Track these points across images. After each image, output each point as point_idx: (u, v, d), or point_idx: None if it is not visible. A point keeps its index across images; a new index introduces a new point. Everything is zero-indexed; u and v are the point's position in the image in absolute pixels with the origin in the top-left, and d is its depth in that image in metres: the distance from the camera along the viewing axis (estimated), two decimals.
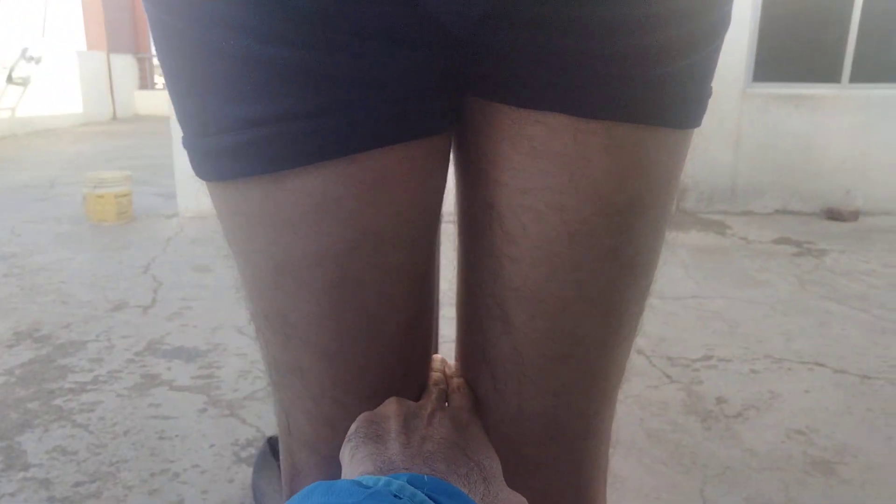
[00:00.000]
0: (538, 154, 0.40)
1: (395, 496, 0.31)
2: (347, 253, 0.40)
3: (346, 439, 0.41)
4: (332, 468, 0.47)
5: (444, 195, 0.46)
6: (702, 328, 2.13)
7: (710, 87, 0.44)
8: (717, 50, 0.43)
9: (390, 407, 0.42)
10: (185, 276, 2.59)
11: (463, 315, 0.49)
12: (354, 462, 0.39)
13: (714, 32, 0.41)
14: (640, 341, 2.00)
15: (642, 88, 0.39)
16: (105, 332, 2.03)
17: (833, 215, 3.78)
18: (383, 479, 0.32)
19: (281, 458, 0.52)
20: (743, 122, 3.85)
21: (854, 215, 3.74)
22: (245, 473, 1.32)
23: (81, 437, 1.44)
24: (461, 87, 0.41)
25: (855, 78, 3.80)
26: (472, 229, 0.46)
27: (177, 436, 1.46)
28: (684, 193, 3.93)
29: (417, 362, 0.48)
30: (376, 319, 0.43)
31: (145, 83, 12.09)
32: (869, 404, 1.64)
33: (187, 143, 0.42)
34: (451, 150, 0.46)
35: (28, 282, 2.51)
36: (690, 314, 2.25)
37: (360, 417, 0.42)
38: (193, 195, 3.46)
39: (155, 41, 0.40)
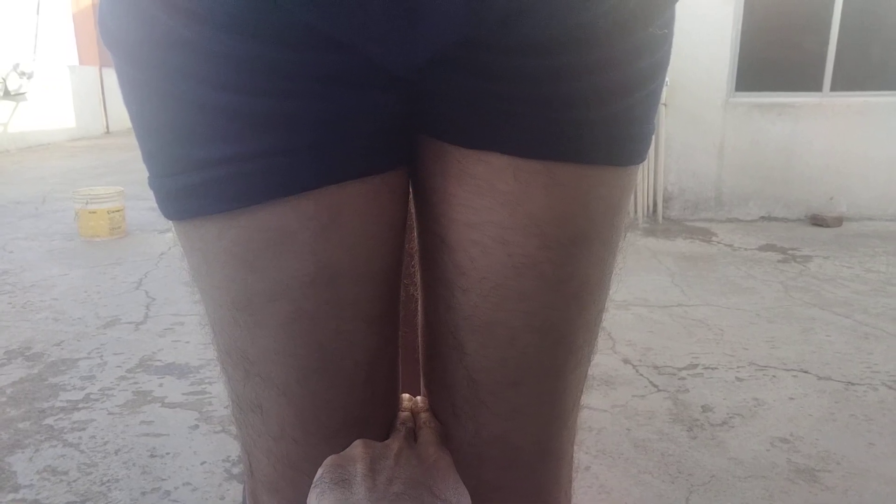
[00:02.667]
0: (482, 191, 0.42)
1: None
2: (302, 288, 0.41)
3: (313, 485, 0.40)
4: None
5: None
6: (687, 336, 2.15)
7: (653, 125, 0.46)
8: (654, 92, 0.45)
9: (357, 450, 0.42)
10: (178, 292, 2.60)
11: (424, 342, 0.51)
12: None
13: (649, 77, 0.43)
14: (626, 350, 2.02)
15: (581, 130, 0.41)
16: (97, 350, 2.03)
17: (817, 221, 3.82)
18: None
19: (247, 502, 0.51)
20: (727, 130, 3.90)
21: (838, 221, 3.79)
22: (236, 490, 1.33)
23: (72, 457, 1.45)
24: (412, 126, 0.43)
25: (836, 86, 3.86)
26: (427, 261, 0.48)
27: (168, 453, 1.46)
28: (670, 202, 3.97)
29: (381, 400, 0.48)
30: (333, 356, 0.43)
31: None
32: (852, 410, 1.66)
33: (152, 183, 0.43)
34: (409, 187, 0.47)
35: (20, 299, 2.51)
36: (676, 322, 2.28)
37: (326, 462, 0.42)
38: None
39: (120, 86, 0.42)
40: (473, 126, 0.41)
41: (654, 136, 0.48)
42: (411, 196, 0.48)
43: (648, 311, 2.37)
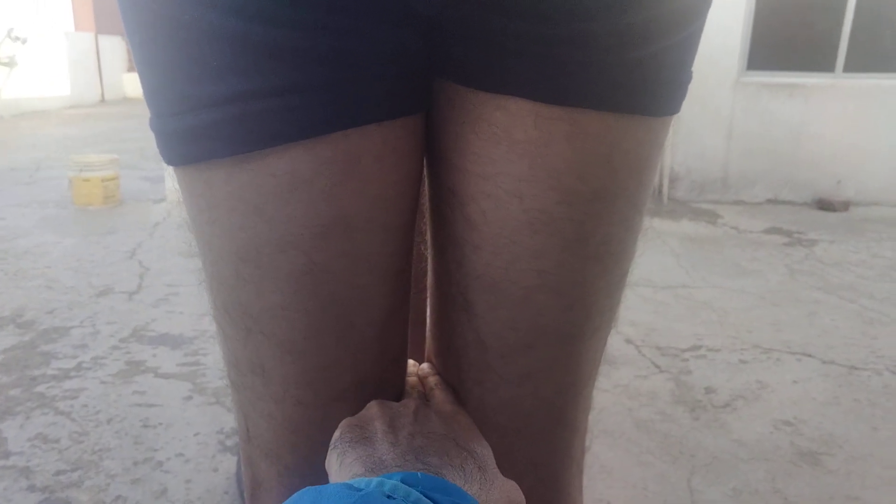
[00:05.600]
0: (499, 140, 0.39)
1: (389, 496, 0.30)
2: (314, 239, 0.38)
3: (331, 446, 0.39)
4: (295, 479, 0.45)
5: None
6: (691, 318, 2.13)
7: (689, 74, 0.42)
8: (696, 33, 0.41)
9: (372, 410, 0.41)
10: (172, 262, 2.56)
11: (432, 304, 0.48)
12: (343, 468, 0.37)
13: (687, 18, 0.39)
14: (629, 331, 2.00)
15: (610, 74, 0.37)
16: (90, 318, 2.00)
17: (824, 205, 3.79)
18: (375, 479, 0.31)
19: (242, 470, 0.49)
20: (736, 110, 3.84)
21: (845, 205, 3.76)
22: (230, 462, 1.31)
23: (64, 425, 1.42)
24: (432, 68, 0.40)
25: (849, 67, 3.79)
26: (437, 216, 0.45)
27: (161, 424, 1.44)
28: (676, 182, 3.92)
29: (391, 361, 0.46)
30: (346, 312, 0.41)
31: (134, 66, 11.93)
32: (856, 395, 1.65)
33: (154, 125, 0.40)
34: None
35: (12, 266, 2.47)
36: (680, 304, 2.25)
37: (343, 423, 0.40)
38: None
39: (122, 15, 0.39)
40: (493, 68, 0.37)
41: None
42: None
43: (652, 292, 2.35)
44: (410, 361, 0.51)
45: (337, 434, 0.40)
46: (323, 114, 0.36)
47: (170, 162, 0.40)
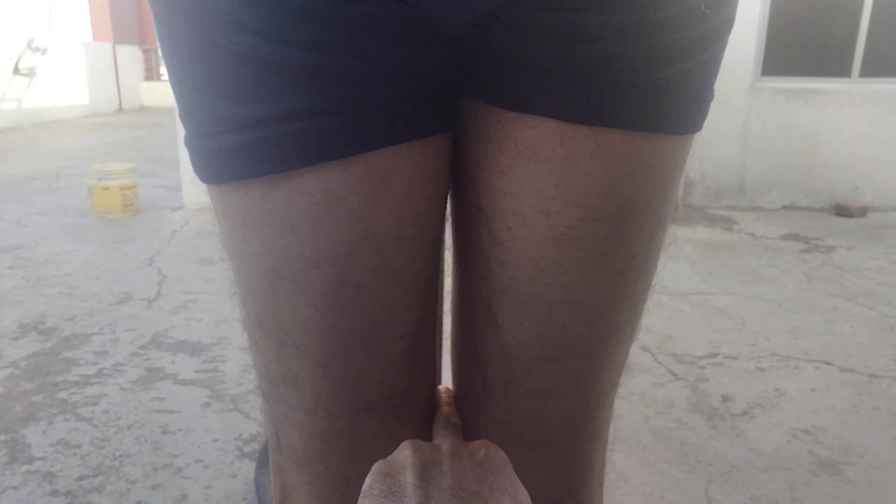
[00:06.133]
0: (525, 158, 0.39)
1: None
2: (347, 255, 0.39)
3: (362, 495, 0.39)
4: (323, 488, 0.46)
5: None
6: (708, 325, 2.11)
7: (713, 91, 0.43)
8: (720, 52, 0.41)
9: (405, 454, 0.40)
10: (190, 270, 2.59)
11: (456, 316, 0.49)
12: None
13: (710, 39, 0.39)
14: (645, 338, 1.99)
15: (638, 93, 0.38)
16: (110, 325, 2.03)
17: (841, 211, 3.75)
18: None
19: (271, 478, 0.50)
20: (751, 116, 3.81)
21: (862, 211, 3.71)
22: (248, 468, 1.32)
23: (85, 431, 1.44)
24: (459, 87, 0.41)
25: (865, 72, 3.75)
26: (462, 230, 0.46)
27: (180, 430, 1.46)
28: (691, 188, 3.90)
29: (420, 373, 0.47)
30: (376, 326, 0.42)
31: (151, 74, 12.10)
32: (876, 403, 1.63)
33: (189, 143, 0.41)
34: None
35: (33, 274, 2.52)
36: (696, 311, 2.24)
37: (375, 469, 0.40)
38: (199, 187, 3.45)
39: (159, 38, 0.40)
40: (522, 88, 0.38)
41: None
42: None
43: (668, 299, 2.33)
44: (443, 388, 0.51)
45: (368, 481, 0.39)
46: (355, 134, 0.37)
47: (205, 180, 0.41)
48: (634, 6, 0.35)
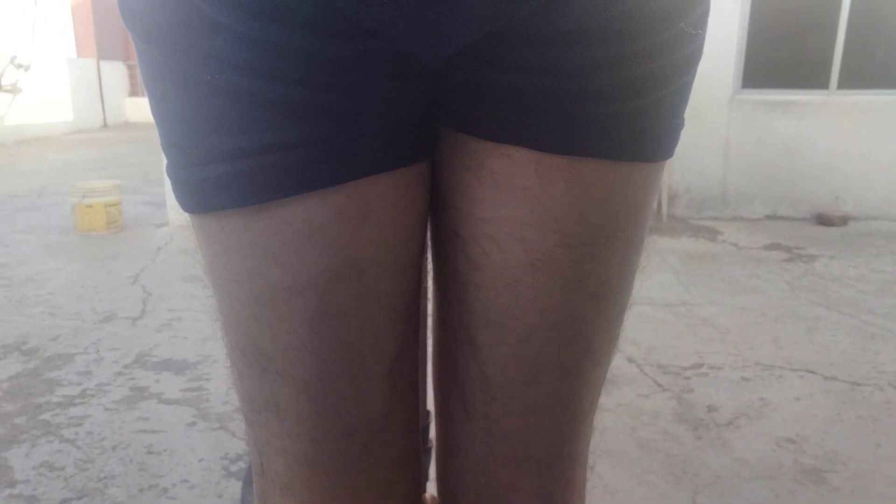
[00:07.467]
0: (500, 186, 0.40)
1: None
2: (329, 283, 0.40)
3: None
4: None
5: None
6: (692, 335, 2.13)
7: (681, 120, 0.44)
8: (689, 82, 0.43)
9: None
10: (175, 287, 2.57)
11: (436, 338, 0.50)
12: None
13: (680, 70, 0.41)
14: (630, 349, 2.00)
15: (611, 124, 0.39)
16: (93, 345, 2.01)
17: (823, 220, 3.81)
18: None
19: (255, 503, 0.50)
20: (732, 128, 3.88)
21: (843, 220, 3.77)
22: (235, 488, 1.31)
23: (69, 453, 1.42)
24: (437, 117, 0.42)
25: (843, 84, 3.84)
26: (440, 255, 0.46)
27: (165, 450, 1.44)
28: (675, 199, 3.95)
29: (402, 397, 0.47)
30: (358, 352, 0.42)
31: (136, 90, 12.05)
32: (859, 411, 1.65)
33: (171, 174, 0.41)
34: None
35: (15, 293, 2.49)
36: (681, 321, 2.26)
37: None
38: None
39: (142, 71, 0.40)
40: (497, 119, 0.39)
41: None
42: None
43: (653, 310, 2.35)
44: (430, 495, 0.52)
45: None
46: (336, 165, 0.38)
47: (187, 209, 0.42)
48: (612, 41, 0.36)
